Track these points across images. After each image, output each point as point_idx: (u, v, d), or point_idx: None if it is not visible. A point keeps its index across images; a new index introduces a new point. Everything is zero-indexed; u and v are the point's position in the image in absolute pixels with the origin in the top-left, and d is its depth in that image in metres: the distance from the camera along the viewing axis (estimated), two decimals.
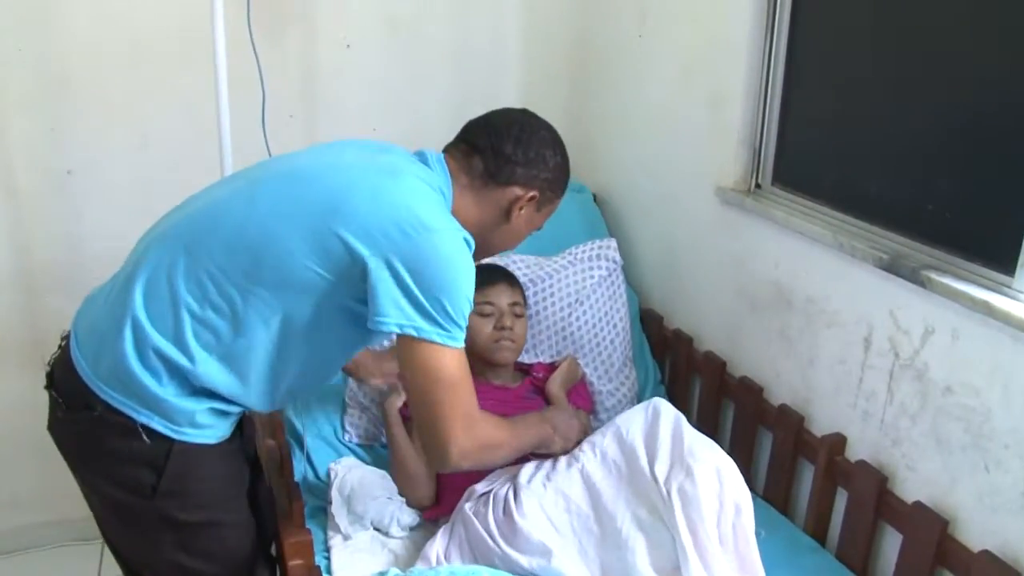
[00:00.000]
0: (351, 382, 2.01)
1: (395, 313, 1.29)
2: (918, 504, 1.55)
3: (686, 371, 2.20)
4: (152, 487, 1.37)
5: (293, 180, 1.38)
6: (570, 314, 2.18)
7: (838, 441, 1.74)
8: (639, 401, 2.17)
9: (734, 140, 1.96)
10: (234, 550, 1.49)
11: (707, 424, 2.11)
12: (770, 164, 1.95)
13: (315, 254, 1.30)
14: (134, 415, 1.33)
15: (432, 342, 1.31)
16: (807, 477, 1.82)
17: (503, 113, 1.54)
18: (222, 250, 1.33)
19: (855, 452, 1.72)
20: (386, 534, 1.76)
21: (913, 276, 1.52)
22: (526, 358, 2.17)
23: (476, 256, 1.45)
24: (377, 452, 1.98)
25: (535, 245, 2.31)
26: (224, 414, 1.42)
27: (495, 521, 1.61)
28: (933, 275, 1.49)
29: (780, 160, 1.93)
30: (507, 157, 1.46)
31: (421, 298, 1.29)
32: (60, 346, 1.43)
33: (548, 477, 1.63)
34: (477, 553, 1.60)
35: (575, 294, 2.19)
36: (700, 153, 2.09)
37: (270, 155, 2.02)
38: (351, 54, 2.39)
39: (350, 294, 1.33)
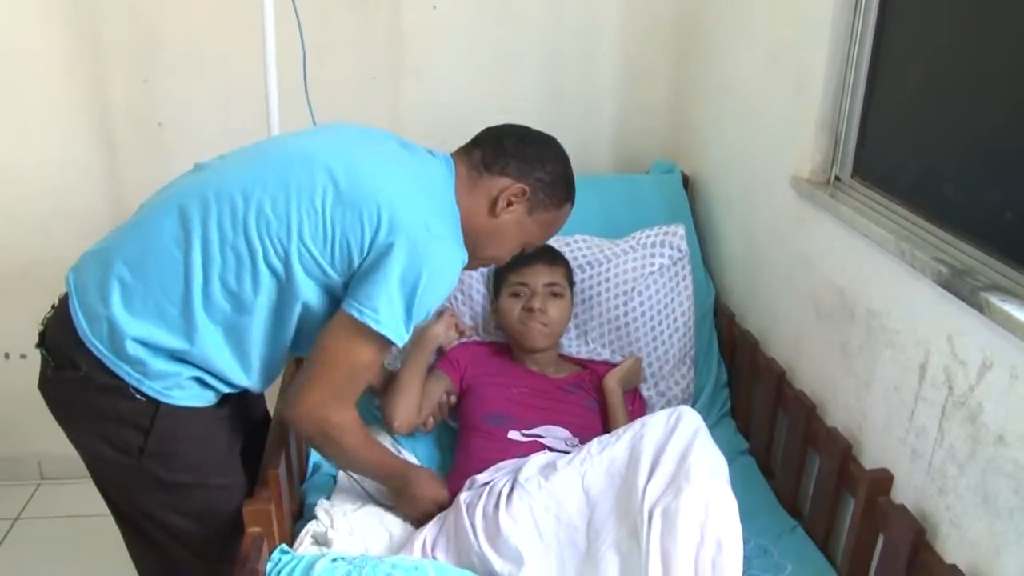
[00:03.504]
0: None
1: (379, 304, 1.31)
2: (954, 568, 1.31)
3: (749, 377, 1.99)
4: (139, 448, 1.39)
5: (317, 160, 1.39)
6: (625, 302, 2.03)
7: (884, 479, 1.50)
8: (693, 405, 2.01)
9: (813, 124, 1.73)
10: (223, 512, 1.48)
11: (762, 439, 1.91)
12: (851, 153, 1.70)
13: (318, 239, 1.34)
14: (126, 377, 1.35)
15: (376, 332, 1.32)
16: (849, 512, 1.59)
17: (517, 124, 1.56)
18: (240, 218, 1.34)
19: (900, 494, 1.48)
20: (389, 508, 1.72)
21: (972, 298, 1.26)
22: (574, 347, 2.04)
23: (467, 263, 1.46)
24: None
25: (608, 226, 2.18)
26: (207, 385, 1.43)
27: (483, 515, 1.53)
28: (993, 299, 1.23)
29: (861, 150, 1.68)
30: (504, 149, 1.48)
31: (396, 297, 1.32)
32: (54, 306, 1.45)
33: (547, 477, 1.52)
34: (460, 547, 1.53)
35: (632, 282, 2.03)
36: (782, 139, 1.86)
37: (312, 117, 2.00)
38: (437, 16, 2.32)
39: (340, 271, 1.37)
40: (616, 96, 2.46)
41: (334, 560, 1.27)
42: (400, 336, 1.33)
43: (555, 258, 1.93)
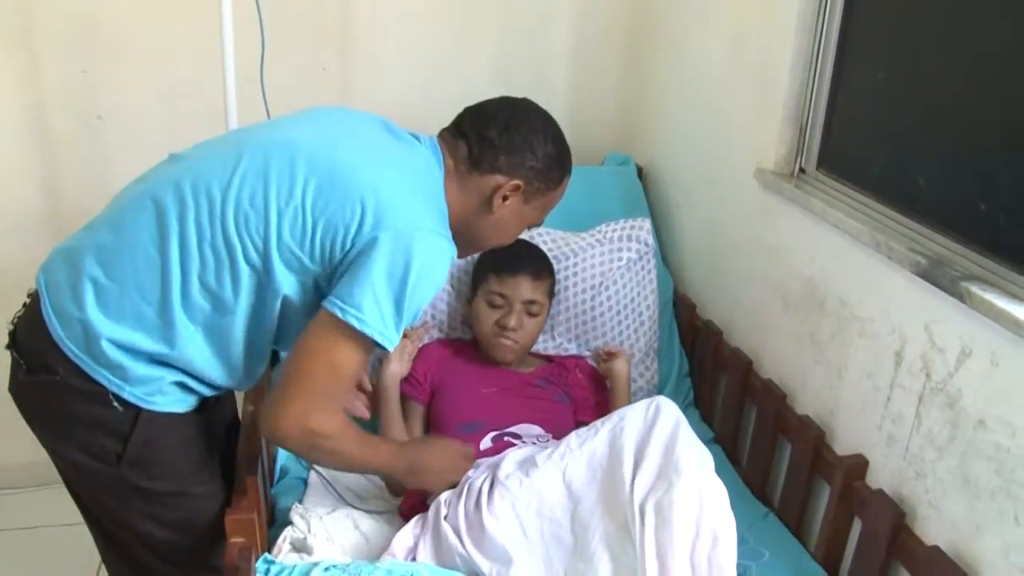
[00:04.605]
0: None
1: (364, 301, 1.24)
2: (935, 549, 1.35)
3: (713, 367, 2.02)
4: (117, 455, 1.33)
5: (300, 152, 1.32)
6: (593, 297, 2.03)
7: (859, 464, 1.54)
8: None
9: (779, 116, 1.75)
10: (201, 520, 1.43)
11: (728, 428, 1.93)
12: (816, 145, 1.73)
13: (296, 233, 1.28)
14: (106, 383, 1.28)
15: (363, 334, 1.25)
16: (823, 498, 1.63)
17: (499, 100, 1.47)
18: (222, 216, 1.27)
19: (876, 478, 1.52)
20: (366, 510, 1.68)
21: (952, 287, 1.30)
22: (540, 343, 2.03)
23: (462, 251, 1.42)
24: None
25: (565, 218, 2.17)
26: (189, 390, 1.37)
27: (465, 515, 1.50)
28: (974, 288, 1.27)
29: (827, 142, 1.71)
30: (491, 143, 1.39)
31: (383, 294, 1.25)
32: (25, 304, 1.37)
33: (527, 473, 1.50)
34: (443, 548, 1.50)
35: (600, 276, 2.03)
36: (745, 130, 1.89)
37: (266, 106, 1.92)
38: (388, 6, 2.27)
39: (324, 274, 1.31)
40: (568, 87, 2.45)
41: (327, 569, 1.23)
42: (390, 339, 1.28)
43: (541, 271, 1.88)
